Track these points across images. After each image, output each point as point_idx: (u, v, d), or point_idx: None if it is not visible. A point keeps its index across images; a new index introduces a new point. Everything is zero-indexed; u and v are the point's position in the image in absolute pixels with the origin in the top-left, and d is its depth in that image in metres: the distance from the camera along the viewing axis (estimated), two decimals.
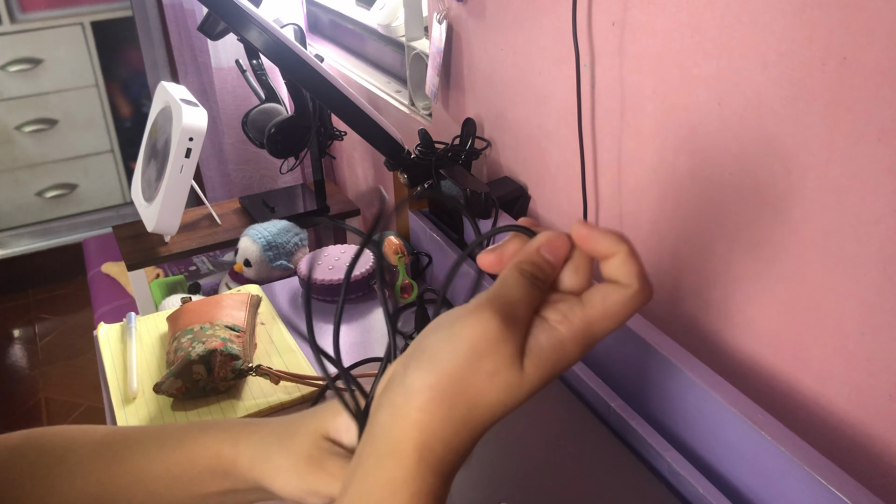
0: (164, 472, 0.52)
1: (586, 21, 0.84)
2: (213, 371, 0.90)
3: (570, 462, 0.75)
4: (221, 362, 0.90)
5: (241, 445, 0.51)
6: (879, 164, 0.56)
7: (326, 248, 1.20)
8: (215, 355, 0.89)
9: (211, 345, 0.90)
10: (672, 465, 0.69)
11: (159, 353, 1.01)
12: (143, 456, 0.52)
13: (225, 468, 0.51)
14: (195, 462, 0.51)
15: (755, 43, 0.64)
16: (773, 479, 0.63)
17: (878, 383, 0.61)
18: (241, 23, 0.96)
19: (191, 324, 0.96)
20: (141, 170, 1.63)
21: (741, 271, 0.72)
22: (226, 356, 0.90)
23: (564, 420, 0.79)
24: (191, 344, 0.91)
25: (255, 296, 1.06)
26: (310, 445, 0.49)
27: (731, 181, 0.70)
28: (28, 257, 2.72)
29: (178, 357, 0.91)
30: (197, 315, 0.98)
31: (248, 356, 0.94)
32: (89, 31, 2.65)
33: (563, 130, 0.93)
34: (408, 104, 1.42)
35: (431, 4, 1.17)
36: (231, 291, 1.10)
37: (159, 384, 0.89)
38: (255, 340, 1.01)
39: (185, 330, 0.95)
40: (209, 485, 0.51)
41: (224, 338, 0.93)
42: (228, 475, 0.51)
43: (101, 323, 1.06)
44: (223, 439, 0.51)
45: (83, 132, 2.75)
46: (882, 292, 0.59)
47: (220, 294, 1.06)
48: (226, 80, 1.91)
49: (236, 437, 0.51)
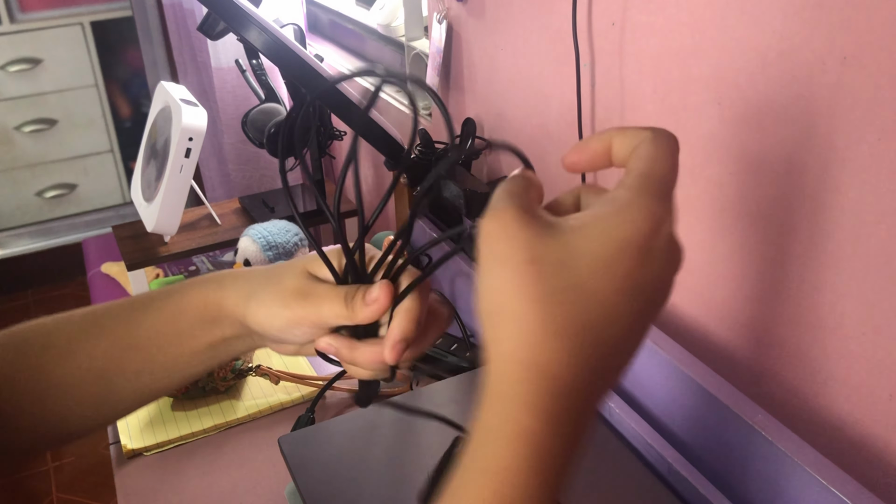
0: (154, 334, 0.51)
1: (586, 21, 0.84)
2: (213, 371, 0.90)
3: None
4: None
5: (227, 289, 0.50)
6: (879, 164, 0.56)
7: (326, 248, 1.19)
8: None
9: None
10: (672, 465, 0.69)
11: None
12: (129, 323, 0.52)
13: (213, 314, 0.50)
14: (183, 316, 0.51)
15: (755, 43, 0.64)
16: (773, 479, 0.63)
17: (878, 383, 0.61)
18: (241, 23, 0.96)
19: None
20: (141, 170, 1.63)
21: (742, 271, 0.72)
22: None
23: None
24: None
25: None
26: (297, 280, 0.49)
27: (732, 181, 0.70)
28: (28, 257, 2.71)
29: None
30: None
31: (247, 356, 0.94)
32: (89, 31, 2.65)
33: (564, 130, 0.93)
34: (408, 104, 1.42)
35: (431, 4, 1.17)
36: None
37: None
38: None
39: None
40: (199, 336, 0.51)
41: None
42: (216, 321, 0.50)
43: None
44: (209, 288, 0.51)
45: (83, 132, 2.75)
46: (882, 292, 0.59)
47: None
48: (225, 79, 1.91)
49: (221, 282, 0.51)
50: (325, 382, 0.91)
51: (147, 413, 0.90)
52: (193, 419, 0.89)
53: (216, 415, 0.90)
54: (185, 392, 0.90)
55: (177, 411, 0.90)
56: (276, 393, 0.92)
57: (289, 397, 0.92)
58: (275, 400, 0.91)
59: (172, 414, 0.90)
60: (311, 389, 0.92)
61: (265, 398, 0.92)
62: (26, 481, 1.98)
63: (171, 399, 0.91)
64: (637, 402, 0.78)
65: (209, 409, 0.90)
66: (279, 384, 0.92)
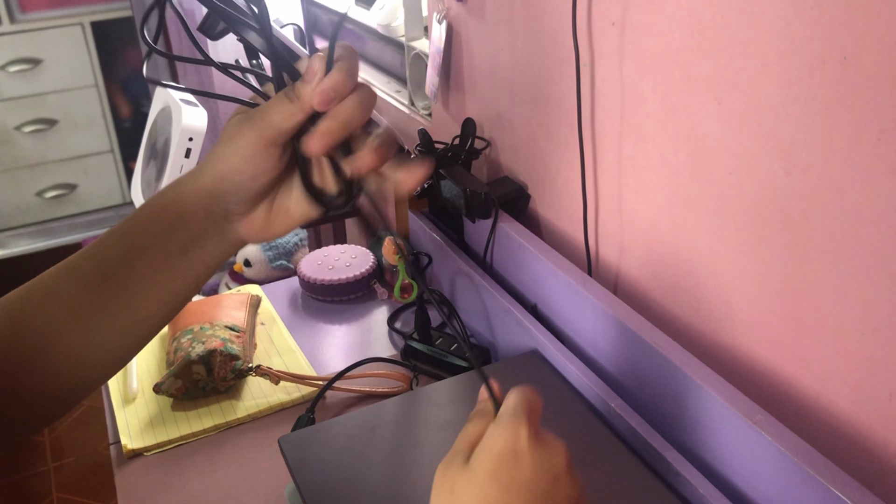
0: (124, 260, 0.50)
1: (586, 21, 0.84)
2: (213, 371, 0.90)
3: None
4: (221, 362, 0.90)
5: (180, 182, 0.51)
6: (879, 164, 0.56)
7: (326, 248, 1.20)
8: (215, 355, 0.90)
9: (211, 345, 0.90)
10: (672, 465, 0.69)
11: (159, 353, 1.01)
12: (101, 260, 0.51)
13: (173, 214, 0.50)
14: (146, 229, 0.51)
15: (755, 43, 0.64)
16: (773, 479, 0.63)
17: (878, 383, 0.61)
18: (241, 23, 0.96)
19: (190, 324, 0.96)
20: (141, 170, 1.63)
21: (741, 271, 0.72)
22: (225, 356, 0.90)
23: (564, 419, 0.79)
24: (191, 344, 0.91)
25: (254, 296, 1.07)
26: (236, 119, 0.50)
27: (731, 181, 0.70)
28: (28, 257, 2.71)
29: (177, 357, 0.91)
30: (197, 315, 0.98)
31: (247, 356, 0.94)
32: (89, 31, 2.65)
33: (563, 130, 0.93)
34: (408, 104, 1.42)
35: (431, 4, 1.17)
36: (231, 291, 1.10)
37: (159, 384, 0.89)
38: (255, 341, 1.01)
39: (184, 330, 0.95)
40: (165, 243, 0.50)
41: (224, 338, 0.93)
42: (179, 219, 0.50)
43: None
44: (165, 191, 0.51)
45: (83, 132, 2.75)
46: (882, 292, 0.59)
47: (220, 294, 1.06)
48: (225, 80, 1.91)
49: (175, 182, 0.51)
50: (324, 382, 0.91)
51: (147, 413, 0.90)
52: (193, 419, 0.89)
53: (216, 415, 0.90)
54: (185, 392, 0.90)
55: (177, 412, 0.90)
56: (276, 393, 0.92)
57: (289, 397, 0.92)
58: (275, 400, 0.92)
59: (173, 414, 0.90)
60: (311, 389, 0.92)
61: (265, 398, 0.92)
62: (27, 481, 1.98)
63: (171, 399, 0.92)
64: None
65: (209, 410, 0.90)
66: (279, 384, 0.92)
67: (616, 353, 0.80)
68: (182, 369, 0.89)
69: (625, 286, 0.90)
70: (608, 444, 0.75)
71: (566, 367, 0.83)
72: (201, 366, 0.89)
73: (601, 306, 0.80)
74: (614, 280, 0.92)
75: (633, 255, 0.87)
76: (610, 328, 0.80)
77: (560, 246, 1.00)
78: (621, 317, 0.78)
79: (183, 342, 0.93)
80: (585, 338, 0.85)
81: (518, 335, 0.90)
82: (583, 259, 0.94)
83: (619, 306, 0.80)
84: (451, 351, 0.96)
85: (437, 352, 0.96)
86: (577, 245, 0.96)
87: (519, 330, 0.90)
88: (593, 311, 0.82)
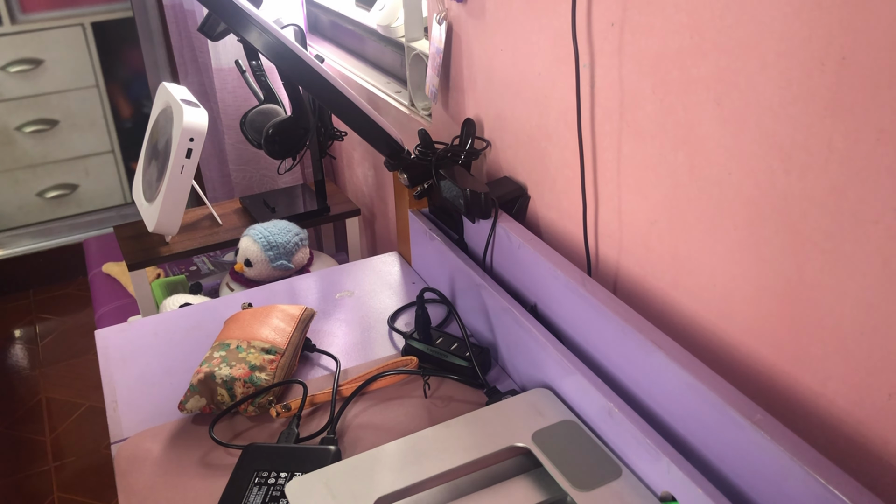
0: None
1: (586, 21, 0.84)
2: (236, 397, 0.89)
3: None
4: (244, 392, 0.89)
5: None
6: (879, 164, 0.56)
7: None
8: (237, 385, 0.88)
9: (237, 372, 0.89)
10: (672, 465, 0.69)
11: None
12: None
13: None
14: None
15: (754, 43, 0.64)
16: (773, 478, 0.63)
17: (877, 383, 0.61)
18: (242, 24, 0.96)
19: (233, 337, 0.95)
20: (142, 170, 1.63)
21: (741, 271, 0.72)
22: (248, 387, 0.89)
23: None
24: (220, 364, 0.90)
25: (308, 309, 1.04)
26: None
27: (731, 181, 0.70)
28: (29, 257, 2.72)
29: (202, 371, 0.89)
30: (242, 326, 0.96)
31: (278, 379, 0.92)
32: (90, 31, 2.65)
33: (563, 130, 0.93)
34: (408, 104, 1.42)
35: (431, 5, 1.17)
36: (285, 306, 1.04)
37: (183, 403, 0.88)
38: (296, 361, 0.99)
39: (223, 343, 0.94)
40: None
41: (254, 365, 0.91)
42: None
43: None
44: None
45: (84, 132, 2.76)
46: (882, 292, 0.59)
47: (274, 305, 1.03)
48: (226, 80, 1.91)
49: None
50: (333, 390, 0.91)
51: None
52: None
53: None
54: (211, 412, 0.88)
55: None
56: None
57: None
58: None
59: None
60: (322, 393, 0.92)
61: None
62: (27, 481, 1.98)
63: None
64: (638, 400, 0.78)
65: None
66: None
67: (615, 352, 0.80)
68: (203, 387, 0.88)
69: (624, 286, 0.90)
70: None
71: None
72: (224, 390, 0.88)
73: (601, 306, 0.80)
74: (614, 280, 0.92)
75: (632, 254, 0.87)
76: (609, 328, 0.80)
77: (560, 246, 1.00)
78: (621, 316, 0.78)
79: (215, 357, 0.92)
80: (585, 337, 0.85)
81: (518, 335, 0.90)
82: (582, 259, 0.95)
83: (618, 306, 0.80)
84: (452, 350, 0.96)
85: (437, 351, 0.97)
86: (577, 245, 0.96)
87: (519, 330, 0.90)
88: (593, 311, 0.82)
